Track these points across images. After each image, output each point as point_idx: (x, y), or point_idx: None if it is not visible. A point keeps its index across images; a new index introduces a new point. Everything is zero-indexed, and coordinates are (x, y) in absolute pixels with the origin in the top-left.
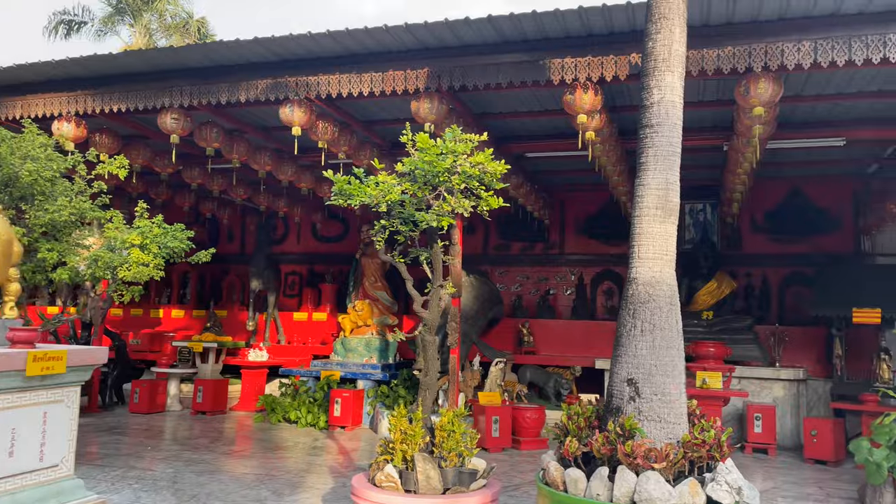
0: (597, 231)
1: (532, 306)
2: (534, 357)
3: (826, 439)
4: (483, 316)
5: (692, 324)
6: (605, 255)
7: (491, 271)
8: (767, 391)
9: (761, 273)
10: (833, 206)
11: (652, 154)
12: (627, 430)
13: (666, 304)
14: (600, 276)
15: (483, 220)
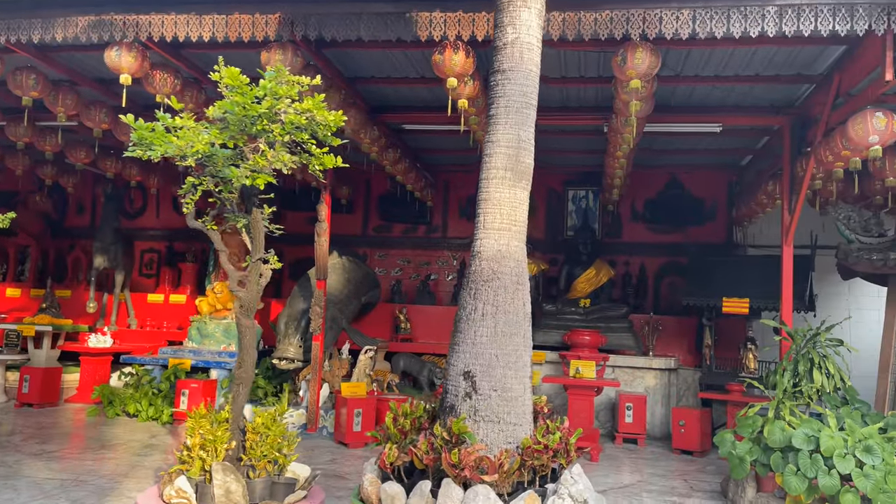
0: None
1: (413, 291)
2: (410, 345)
3: (693, 430)
4: (355, 300)
5: (569, 311)
6: None
7: (370, 254)
8: (640, 380)
9: (639, 262)
10: (708, 196)
11: (503, 105)
12: (456, 434)
13: (512, 283)
14: None
15: (364, 200)
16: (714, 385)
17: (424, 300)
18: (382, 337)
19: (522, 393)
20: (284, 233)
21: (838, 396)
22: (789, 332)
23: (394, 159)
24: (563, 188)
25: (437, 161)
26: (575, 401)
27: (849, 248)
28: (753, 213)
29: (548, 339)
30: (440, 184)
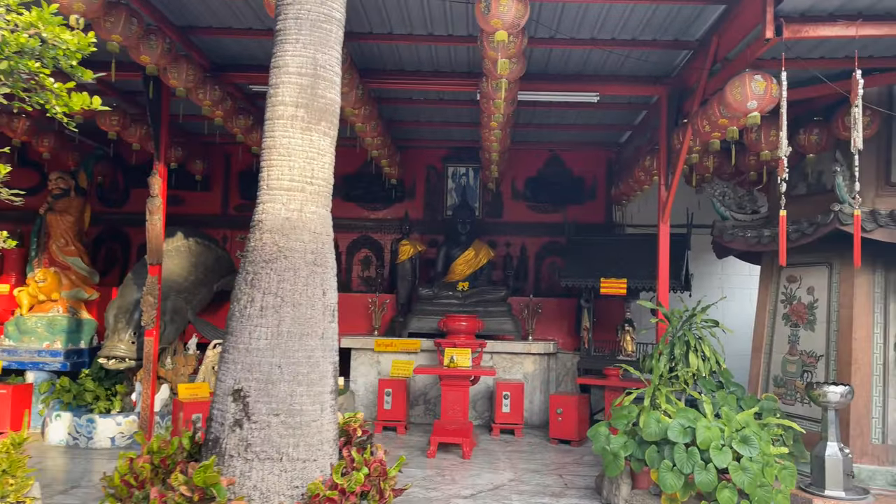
0: (354, 193)
1: None
2: None
3: (570, 417)
4: (205, 288)
5: (447, 295)
6: (363, 219)
7: (231, 235)
8: (519, 367)
9: (521, 242)
10: (589, 175)
11: (293, 17)
12: (201, 488)
13: (306, 264)
14: (357, 243)
15: (223, 176)
16: (592, 369)
17: None
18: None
19: (319, 415)
20: (131, 214)
21: (714, 380)
22: (665, 313)
23: (246, 127)
24: (442, 165)
25: None
26: (448, 392)
27: (724, 226)
28: (631, 191)
29: (423, 326)
30: None
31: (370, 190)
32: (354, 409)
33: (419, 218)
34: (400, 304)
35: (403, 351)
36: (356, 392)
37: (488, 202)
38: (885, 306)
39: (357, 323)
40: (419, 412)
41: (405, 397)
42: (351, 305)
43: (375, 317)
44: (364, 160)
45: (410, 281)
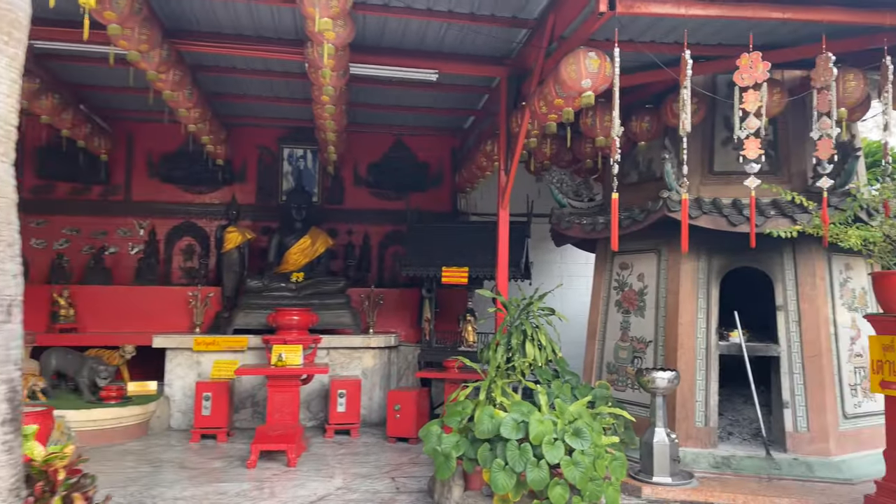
0: (175, 175)
1: (83, 269)
2: (74, 336)
3: (409, 414)
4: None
5: (279, 287)
6: (185, 204)
7: (22, 220)
8: (358, 362)
9: (363, 230)
10: (434, 161)
11: None
12: None
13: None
14: (179, 229)
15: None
16: (434, 362)
17: (97, 279)
18: (33, 328)
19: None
20: None
21: (550, 369)
22: (504, 302)
23: (34, 92)
24: (277, 146)
25: (114, 105)
26: (276, 394)
27: (561, 213)
28: (474, 177)
29: (251, 322)
30: (122, 135)
31: (193, 171)
32: (170, 416)
33: (251, 203)
34: (226, 298)
35: (229, 350)
36: (172, 397)
37: (328, 188)
38: (708, 292)
39: (175, 320)
40: (246, 416)
41: (228, 401)
42: (168, 300)
43: (197, 312)
44: (185, 139)
45: (238, 272)
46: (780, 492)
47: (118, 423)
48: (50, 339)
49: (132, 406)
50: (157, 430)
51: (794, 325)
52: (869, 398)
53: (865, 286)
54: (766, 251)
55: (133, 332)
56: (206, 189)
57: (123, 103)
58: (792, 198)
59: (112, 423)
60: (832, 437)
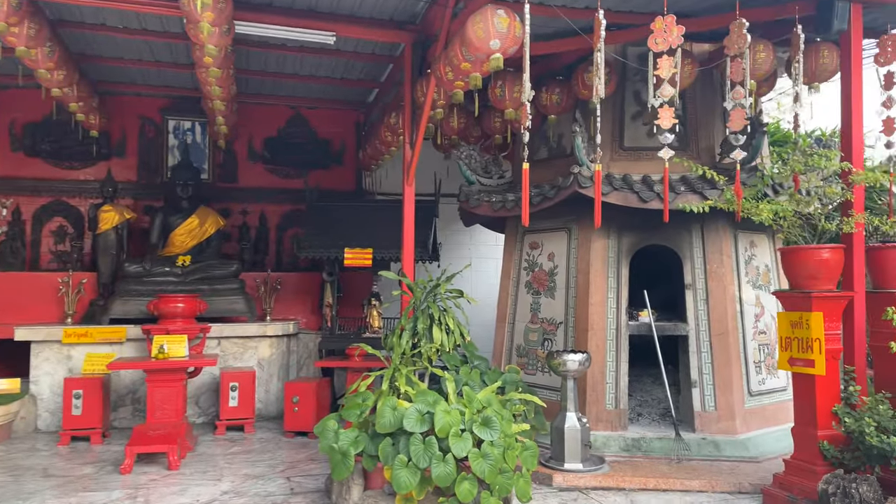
0: (42, 147)
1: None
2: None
3: (308, 406)
4: None
5: (163, 272)
6: (55, 181)
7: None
8: (253, 352)
9: (259, 210)
10: (336, 137)
11: None
12: None
13: None
14: (48, 209)
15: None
16: (337, 350)
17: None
18: None
19: None
20: None
21: (458, 355)
22: (409, 284)
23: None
24: (161, 117)
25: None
26: (157, 390)
27: (470, 191)
28: (379, 154)
29: (131, 310)
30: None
31: (64, 144)
32: (37, 416)
33: (132, 180)
34: (102, 285)
35: (104, 342)
36: (39, 395)
37: (220, 164)
38: (618, 270)
39: (44, 309)
40: (126, 414)
41: (102, 398)
42: (35, 288)
43: (69, 301)
44: (52, 107)
45: (115, 255)
46: (690, 473)
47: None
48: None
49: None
50: (21, 434)
51: (703, 303)
52: (773, 375)
53: (769, 263)
54: (675, 229)
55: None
56: (80, 164)
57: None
58: (703, 172)
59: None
60: (738, 415)
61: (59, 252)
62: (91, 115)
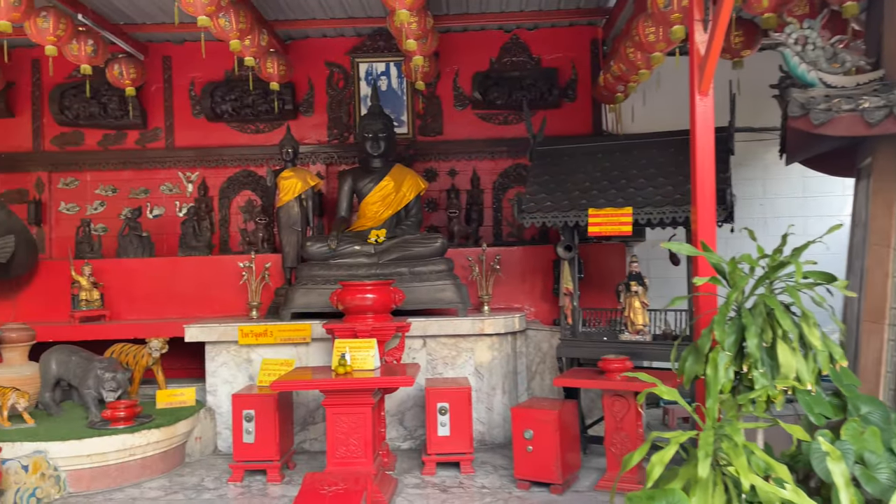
0: (223, 108)
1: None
2: (95, 328)
3: (547, 443)
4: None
5: (352, 251)
6: (239, 146)
7: (51, 181)
8: (468, 356)
9: (471, 168)
10: (565, 64)
11: None
12: None
13: None
14: (235, 182)
15: (32, 94)
16: (583, 359)
17: (133, 250)
18: (53, 318)
19: None
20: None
21: (824, 394)
22: (717, 264)
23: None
24: (350, 62)
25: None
26: (338, 418)
27: (810, 97)
28: (627, 77)
29: (314, 302)
30: (157, 64)
31: (246, 103)
32: (215, 434)
33: (322, 141)
34: (287, 269)
35: (286, 342)
36: (217, 409)
37: (421, 113)
38: None
39: (227, 301)
40: (317, 433)
41: (279, 421)
42: (218, 275)
43: (252, 290)
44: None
45: (300, 232)
46: None
47: (129, 456)
48: (66, 332)
49: (150, 430)
50: (196, 458)
51: None
52: None
53: None
54: None
55: (175, 319)
56: (265, 126)
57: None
58: None
59: (119, 458)
60: None
61: (248, 231)
62: (271, 63)
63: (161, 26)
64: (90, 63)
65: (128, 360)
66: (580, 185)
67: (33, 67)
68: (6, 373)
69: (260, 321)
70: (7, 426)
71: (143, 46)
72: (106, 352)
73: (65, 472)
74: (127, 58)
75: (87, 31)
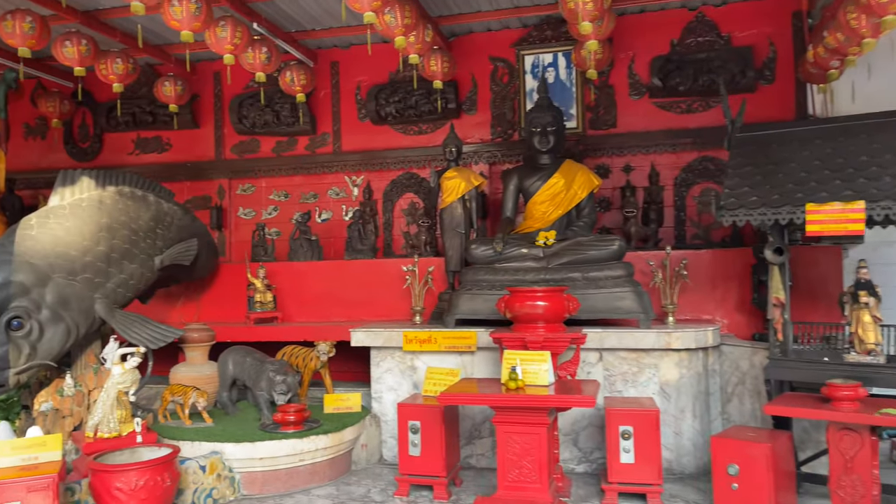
0: (387, 111)
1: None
2: (267, 329)
3: (755, 481)
4: (133, 263)
5: (519, 255)
6: (402, 148)
7: (231, 188)
8: (651, 372)
9: (648, 163)
10: (761, 42)
11: None
12: None
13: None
14: (398, 184)
15: (214, 104)
16: (795, 382)
17: (303, 254)
18: (230, 318)
19: None
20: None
21: None
22: None
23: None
24: (515, 54)
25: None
26: (510, 438)
27: None
28: (844, 49)
29: (479, 308)
30: (325, 69)
31: (409, 104)
32: (381, 443)
33: (485, 139)
34: (450, 273)
35: (451, 350)
36: (383, 416)
37: (592, 105)
38: None
39: (391, 305)
40: (484, 448)
41: (445, 434)
42: (381, 278)
43: (415, 295)
44: (398, 61)
45: (463, 235)
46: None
47: (298, 461)
48: (242, 333)
49: (318, 436)
50: (362, 466)
51: None
52: None
53: None
54: None
55: (341, 322)
56: (427, 126)
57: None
58: None
59: (289, 462)
60: None
61: (411, 234)
62: (434, 61)
63: (329, 31)
64: (264, 70)
65: (297, 362)
66: (794, 177)
67: (215, 80)
68: (188, 371)
69: (424, 327)
70: (188, 424)
71: (313, 53)
72: (277, 354)
73: (239, 474)
74: (297, 65)
75: (262, 40)
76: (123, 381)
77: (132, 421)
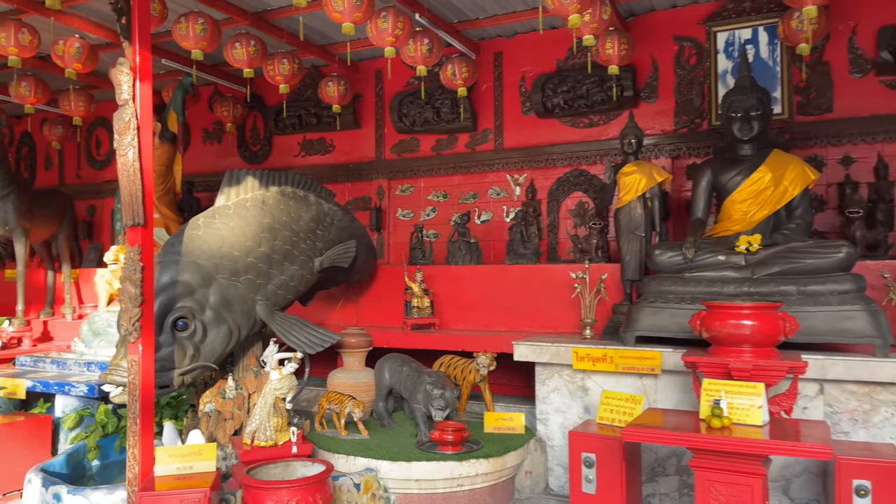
0: (554, 102)
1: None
2: (428, 336)
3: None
4: (293, 265)
5: (714, 262)
6: (570, 143)
7: (389, 188)
8: (888, 412)
9: (875, 154)
10: None
11: None
12: None
13: None
14: (564, 183)
15: (375, 103)
16: None
17: (461, 257)
18: (388, 323)
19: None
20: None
21: None
22: None
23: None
24: (705, 32)
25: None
26: (711, 486)
27: None
28: None
29: (665, 324)
30: (487, 61)
31: (579, 93)
32: (546, 470)
33: (667, 130)
34: (627, 282)
35: (630, 371)
36: (549, 440)
37: (802, 87)
38: None
39: (557, 316)
40: (668, 488)
41: (626, 470)
42: (545, 285)
43: (585, 305)
44: (567, 47)
45: (643, 238)
46: None
47: (457, 486)
48: (398, 339)
49: (478, 460)
50: (527, 494)
51: None
52: None
53: None
54: None
55: (502, 332)
56: (599, 118)
57: (480, 7)
58: None
59: (447, 487)
60: None
61: (579, 237)
62: (610, 43)
63: (492, 20)
64: (425, 64)
65: (455, 374)
66: None
67: (376, 79)
68: (345, 378)
69: (595, 343)
70: (343, 434)
71: (475, 45)
72: (434, 364)
73: (394, 495)
74: (459, 57)
75: (423, 31)
76: (281, 388)
77: (288, 430)
